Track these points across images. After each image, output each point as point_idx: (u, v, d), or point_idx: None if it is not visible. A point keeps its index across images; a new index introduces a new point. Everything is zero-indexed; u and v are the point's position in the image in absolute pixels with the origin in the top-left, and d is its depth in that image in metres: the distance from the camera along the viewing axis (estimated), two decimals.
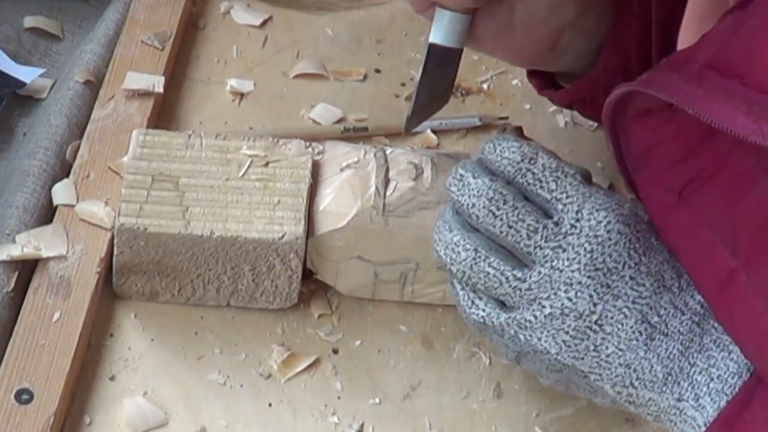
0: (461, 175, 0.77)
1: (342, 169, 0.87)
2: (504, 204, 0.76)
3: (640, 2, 0.89)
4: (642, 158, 0.80)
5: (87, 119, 0.96)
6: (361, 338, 0.88)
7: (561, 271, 0.75)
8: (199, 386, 0.84)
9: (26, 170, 0.91)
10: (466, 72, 1.07)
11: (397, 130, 1.00)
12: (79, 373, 0.83)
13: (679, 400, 0.75)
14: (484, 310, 0.77)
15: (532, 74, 0.97)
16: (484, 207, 0.76)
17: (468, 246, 0.76)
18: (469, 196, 0.76)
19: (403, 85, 1.05)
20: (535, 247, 0.75)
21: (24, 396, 0.79)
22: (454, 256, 0.77)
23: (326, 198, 0.86)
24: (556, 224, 0.76)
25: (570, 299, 0.75)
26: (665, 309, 0.76)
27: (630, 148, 0.81)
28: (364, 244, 0.85)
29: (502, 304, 0.77)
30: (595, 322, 0.75)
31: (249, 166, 0.86)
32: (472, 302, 0.77)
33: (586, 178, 0.79)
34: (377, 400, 0.85)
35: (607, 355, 0.75)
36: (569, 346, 0.75)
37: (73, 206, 0.89)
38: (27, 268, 0.86)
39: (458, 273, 0.77)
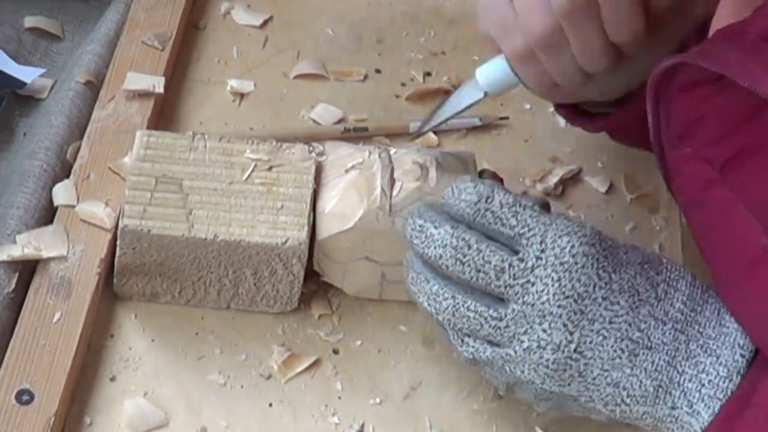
0: (420, 226, 0.78)
1: (347, 171, 0.87)
2: (469, 249, 0.76)
3: (697, 38, 0.85)
4: (685, 132, 0.79)
5: (87, 120, 0.96)
6: (361, 338, 0.88)
7: (533, 305, 0.75)
8: (200, 387, 0.84)
9: (27, 171, 0.91)
10: (467, 72, 1.06)
11: (397, 131, 1.01)
12: (80, 373, 0.83)
13: (673, 408, 0.75)
14: (473, 347, 0.78)
15: (559, 106, 0.96)
16: (450, 257, 0.77)
17: (447, 295, 0.77)
18: (435, 248, 0.77)
19: (403, 85, 1.05)
20: (505, 287, 0.76)
21: (24, 396, 0.79)
22: (437, 306, 0.78)
23: (332, 200, 0.86)
24: (522, 260, 0.76)
25: (545, 331, 0.75)
26: (645, 322, 0.76)
27: (672, 122, 0.80)
28: (371, 244, 0.85)
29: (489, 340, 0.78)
30: (575, 350, 0.75)
31: (253, 170, 0.86)
32: (462, 341, 0.78)
33: (545, 206, 0.80)
34: (378, 400, 0.85)
35: (593, 378, 0.75)
36: (552, 378, 0.76)
37: (73, 207, 0.89)
38: (27, 269, 0.86)
39: (444, 320, 0.78)
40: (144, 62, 1.00)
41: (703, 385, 0.74)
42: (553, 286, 0.75)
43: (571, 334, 0.75)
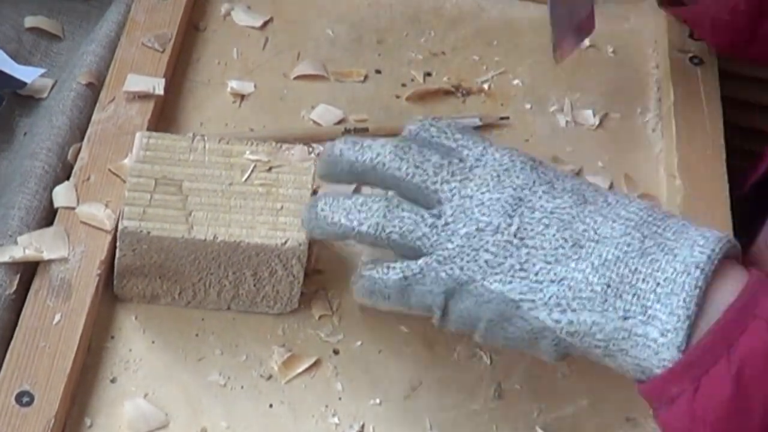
0: (354, 142, 0.78)
1: None
2: (409, 149, 0.77)
3: None
4: None
5: (88, 121, 0.96)
6: (361, 339, 0.88)
7: (471, 197, 0.74)
8: (200, 388, 0.84)
9: (28, 171, 0.91)
10: (467, 72, 1.07)
11: (397, 131, 1.00)
12: (80, 375, 0.83)
13: (625, 318, 0.70)
14: (401, 267, 0.75)
15: None
16: (389, 153, 0.76)
17: (377, 199, 0.76)
18: (371, 150, 0.77)
19: (403, 85, 1.05)
20: (442, 183, 0.75)
21: (24, 398, 0.79)
22: (364, 213, 0.76)
23: None
24: (461, 160, 0.76)
25: (484, 214, 0.74)
26: (591, 218, 0.72)
27: None
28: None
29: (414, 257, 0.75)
30: (515, 235, 0.72)
31: (252, 171, 0.86)
32: (388, 268, 0.76)
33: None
34: (378, 401, 0.85)
35: (536, 273, 0.72)
36: (493, 267, 0.72)
37: (73, 208, 0.90)
38: (28, 270, 0.86)
39: (369, 230, 0.76)
40: (144, 64, 1.00)
41: (658, 284, 0.70)
42: (493, 179, 0.75)
43: (510, 217, 0.73)
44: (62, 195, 0.90)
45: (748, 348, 0.68)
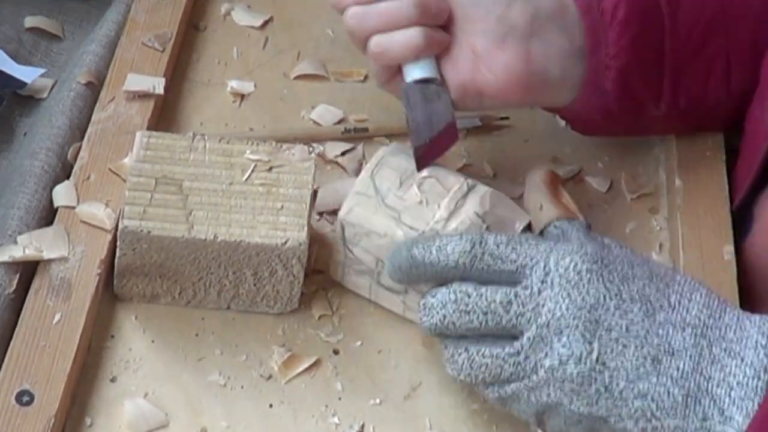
0: (422, 305, 0.80)
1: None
2: (469, 298, 0.78)
3: (615, 42, 0.89)
4: None
5: (88, 121, 0.96)
6: (361, 339, 0.88)
7: (548, 325, 0.76)
8: (200, 387, 0.84)
9: (28, 171, 0.91)
10: None
11: (397, 131, 1.00)
12: (80, 374, 0.83)
13: (704, 419, 0.74)
14: (498, 390, 0.78)
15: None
16: (454, 311, 0.78)
17: (459, 350, 0.79)
18: (436, 314, 0.78)
19: None
20: (517, 317, 0.77)
21: (25, 398, 0.79)
22: (454, 366, 0.79)
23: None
24: (526, 287, 0.77)
25: (564, 346, 0.75)
26: (663, 328, 0.76)
27: None
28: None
29: None
30: (597, 361, 0.75)
31: (252, 171, 0.86)
32: (487, 387, 0.79)
33: (588, 227, 0.81)
34: (378, 401, 0.85)
35: (620, 391, 0.75)
36: (578, 394, 0.75)
37: (73, 208, 0.89)
38: (28, 270, 0.86)
39: (465, 377, 0.79)
40: (144, 63, 1.00)
41: (732, 388, 0.74)
42: (564, 301, 0.76)
43: (590, 344, 0.75)
44: (62, 194, 0.90)
45: None
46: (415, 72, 0.89)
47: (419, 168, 0.88)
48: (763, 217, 0.92)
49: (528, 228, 0.85)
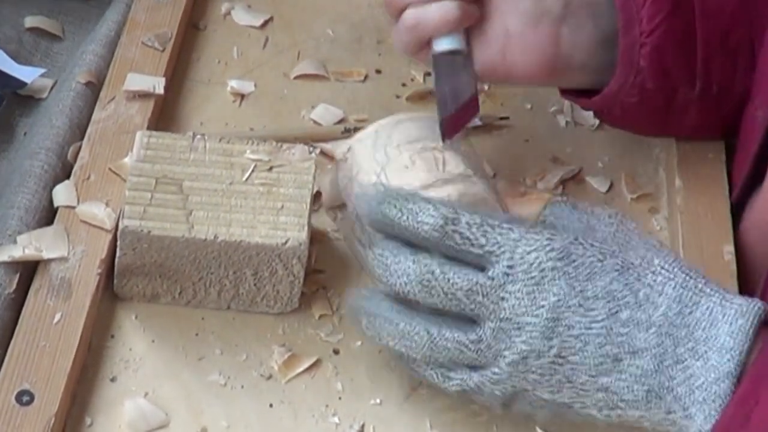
0: (380, 255, 0.79)
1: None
2: (433, 276, 0.77)
3: (649, 20, 0.90)
4: None
5: (88, 120, 0.96)
6: (361, 339, 0.88)
7: (509, 319, 0.76)
8: (200, 387, 0.84)
9: (28, 171, 0.91)
10: None
11: None
12: (80, 374, 0.83)
13: (668, 412, 0.75)
14: (458, 379, 0.78)
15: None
16: (416, 284, 0.77)
17: (419, 330, 0.78)
18: (398, 278, 0.78)
19: (404, 85, 1.05)
20: (477, 306, 0.76)
21: (25, 397, 0.79)
22: (410, 344, 0.78)
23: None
24: (491, 278, 0.76)
25: (524, 342, 0.76)
26: (625, 327, 0.75)
27: None
28: None
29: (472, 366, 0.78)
30: (557, 356, 0.75)
31: (253, 171, 0.86)
32: (444, 377, 0.79)
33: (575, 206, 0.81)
34: (378, 401, 0.85)
35: (582, 384, 0.76)
36: (542, 384, 0.76)
37: (73, 208, 0.89)
38: (28, 270, 0.86)
39: (422, 357, 0.78)
40: (144, 63, 1.00)
41: (693, 390, 0.74)
42: (525, 299, 0.76)
43: (550, 340, 0.75)
44: (62, 194, 0.90)
45: (762, 420, 0.72)
46: (444, 43, 0.90)
47: (444, 139, 0.89)
48: (755, 209, 0.93)
49: None
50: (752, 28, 0.93)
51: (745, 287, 0.90)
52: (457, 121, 0.90)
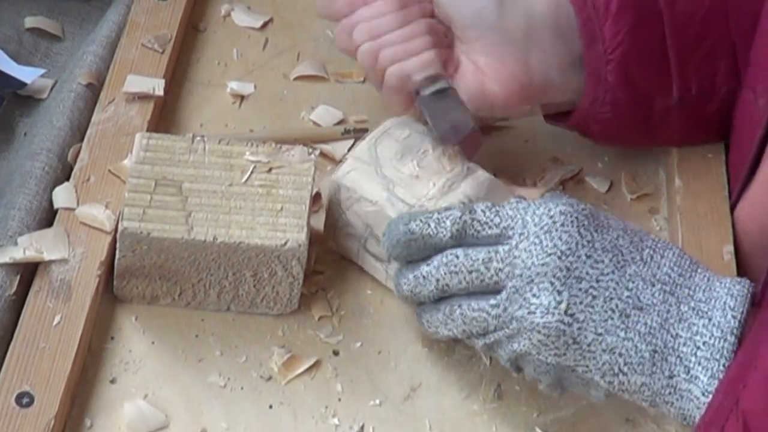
0: (412, 275, 0.82)
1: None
2: (457, 258, 0.79)
3: (612, 36, 0.91)
4: None
5: (88, 122, 0.96)
6: (361, 340, 0.88)
7: (521, 276, 0.76)
8: (200, 389, 0.84)
9: (28, 172, 0.91)
10: None
11: None
12: (80, 376, 0.83)
13: (670, 377, 0.75)
14: (486, 338, 0.80)
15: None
16: (445, 274, 0.80)
17: (453, 309, 0.80)
18: (431, 278, 0.81)
19: None
20: (497, 272, 0.78)
21: (24, 399, 0.79)
22: (452, 324, 0.81)
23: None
24: (507, 245, 0.78)
25: (534, 295, 0.76)
26: (632, 282, 0.76)
27: None
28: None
29: None
30: (566, 313, 0.75)
31: (252, 172, 0.86)
32: (487, 347, 0.81)
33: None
34: (378, 402, 0.85)
35: (588, 344, 0.76)
36: (547, 346, 0.76)
37: (73, 209, 0.90)
38: (28, 271, 0.86)
39: (462, 333, 0.81)
40: (144, 65, 1.00)
41: (698, 347, 0.75)
42: (535, 248, 0.76)
43: (559, 293, 0.76)
44: (62, 196, 0.90)
45: (749, 403, 0.72)
46: (432, 85, 0.92)
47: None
48: (748, 199, 0.94)
49: None
50: (731, 29, 0.93)
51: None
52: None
